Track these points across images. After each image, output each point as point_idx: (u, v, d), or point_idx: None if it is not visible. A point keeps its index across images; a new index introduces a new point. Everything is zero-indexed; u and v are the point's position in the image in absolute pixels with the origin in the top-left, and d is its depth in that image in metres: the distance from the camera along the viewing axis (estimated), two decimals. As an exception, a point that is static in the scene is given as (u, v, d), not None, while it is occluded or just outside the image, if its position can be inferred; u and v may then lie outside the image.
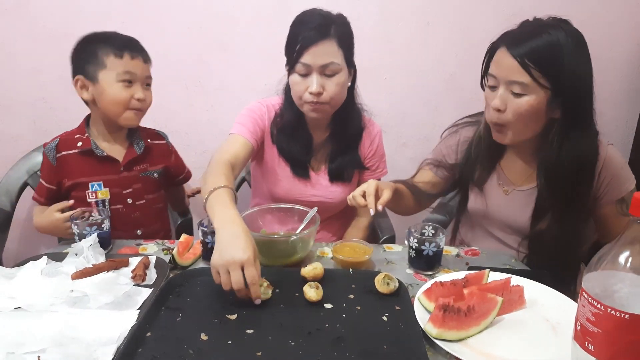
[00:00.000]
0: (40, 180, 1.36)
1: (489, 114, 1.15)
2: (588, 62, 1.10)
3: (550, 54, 1.04)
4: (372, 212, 1.10)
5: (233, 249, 0.91)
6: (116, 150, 1.36)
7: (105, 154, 1.33)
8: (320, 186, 1.43)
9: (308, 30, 1.22)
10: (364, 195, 1.12)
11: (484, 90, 1.18)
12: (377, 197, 1.12)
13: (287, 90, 1.35)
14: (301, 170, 1.41)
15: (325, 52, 1.22)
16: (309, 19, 1.25)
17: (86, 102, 1.35)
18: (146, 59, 1.34)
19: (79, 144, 1.33)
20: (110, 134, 1.36)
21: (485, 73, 1.16)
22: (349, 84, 1.34)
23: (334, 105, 1.31)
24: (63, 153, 1.33)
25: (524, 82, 1.06)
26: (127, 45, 1.29)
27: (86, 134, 1.34)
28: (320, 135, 1.42)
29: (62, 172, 1.33)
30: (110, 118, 1.32)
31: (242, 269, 0.90)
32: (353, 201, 1.14)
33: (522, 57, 1.05)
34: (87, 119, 1.39)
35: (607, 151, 1.17)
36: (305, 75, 1.25)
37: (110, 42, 1.28)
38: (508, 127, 1.13)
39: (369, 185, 1.13)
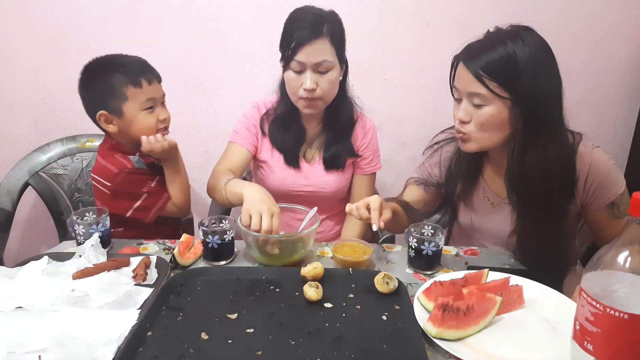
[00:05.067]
0: None
1: (455, 124, 1.15)
2: (552, 70, 1.07)
3: (505, 66, 1.03)
4: (374, 227, 1.09)
5: (269, 200, 1.13)
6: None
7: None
8: (314, 176, 1.46)
9: (302, 29, 1.25)
10: (367, 208, 1.11)
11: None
12: (380, 213, 1.12)
13: (282, 85, 1.39)
14: (293, 159, 1.45)
15: (318, 50, 1.26)
16: (303, 17, 1.28)
17: (106, 132, 1.36)
18: (159, 78, 1.35)
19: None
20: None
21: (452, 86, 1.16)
22: (341, 78, 1.38)
23: (326, 100, 1.35)
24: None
25: (482, 93, 1.05)
26: (141, 71, 1.29)
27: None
28: (313, 128, 1.47)
29: None
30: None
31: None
32: (355, 212, 1.12)
33: (477, 69, 1.05)
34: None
35: (593, 156, 1.14)
36: (299, 72, 1.29)
37: (124, 72, 1.27)
38: (471, 137, 1.13)
39: (374, 201, 1.11)
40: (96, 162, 1.38)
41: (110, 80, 1.27)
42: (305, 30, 1.25)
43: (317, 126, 1.47)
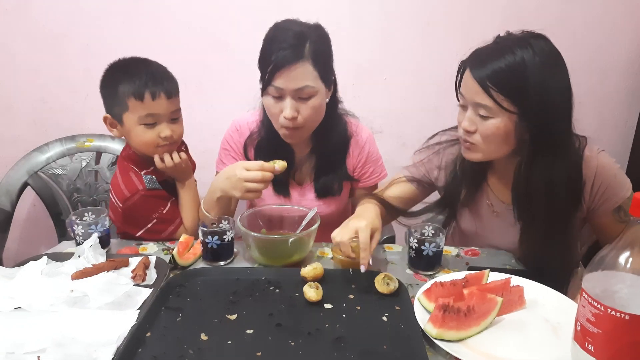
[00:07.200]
0: None
1: (459, 132, 1.12)
2: (563, 80, 1.03)
3: (512, 76, 0.98)
4: (363, 269, 1.00)
5: (230, 172, 1.13)
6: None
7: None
8: (306, 202, 1.37)
9: (280, 50, 1.13)
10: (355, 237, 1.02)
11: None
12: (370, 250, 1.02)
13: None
14: (283, 188, 1.35)
15: (298, 75, 1.14)
16: (282, 36, 1.16)
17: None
18: (170, 94, 1.24)
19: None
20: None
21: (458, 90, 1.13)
22: (328, 99, 1.26)
23: (309, 128, 1.25)
24: None
25: (488, 105, 1.02)
26: (148, 84, 1.20)
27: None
28: (303, 149, 1.36)
29: None
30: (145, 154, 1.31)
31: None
32: (341, 251, 1.06)
33: (484, 79, 1.00)
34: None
35: (599, 160, 1.12)
36: (278, 98, 1.18)
37: (132, 80, 1.20)
38: (478, 147, 1.09)
39: (364, 234, 1.00)
40: (114, 174, 1.33)
41: (117, 87, 1.22)
42: (285, 51, 1.12)
43: (306, 148, 1.35)
